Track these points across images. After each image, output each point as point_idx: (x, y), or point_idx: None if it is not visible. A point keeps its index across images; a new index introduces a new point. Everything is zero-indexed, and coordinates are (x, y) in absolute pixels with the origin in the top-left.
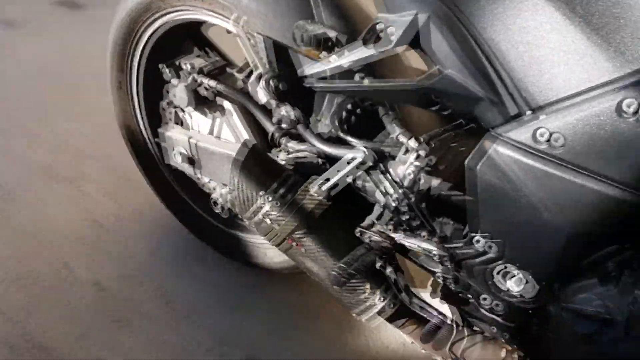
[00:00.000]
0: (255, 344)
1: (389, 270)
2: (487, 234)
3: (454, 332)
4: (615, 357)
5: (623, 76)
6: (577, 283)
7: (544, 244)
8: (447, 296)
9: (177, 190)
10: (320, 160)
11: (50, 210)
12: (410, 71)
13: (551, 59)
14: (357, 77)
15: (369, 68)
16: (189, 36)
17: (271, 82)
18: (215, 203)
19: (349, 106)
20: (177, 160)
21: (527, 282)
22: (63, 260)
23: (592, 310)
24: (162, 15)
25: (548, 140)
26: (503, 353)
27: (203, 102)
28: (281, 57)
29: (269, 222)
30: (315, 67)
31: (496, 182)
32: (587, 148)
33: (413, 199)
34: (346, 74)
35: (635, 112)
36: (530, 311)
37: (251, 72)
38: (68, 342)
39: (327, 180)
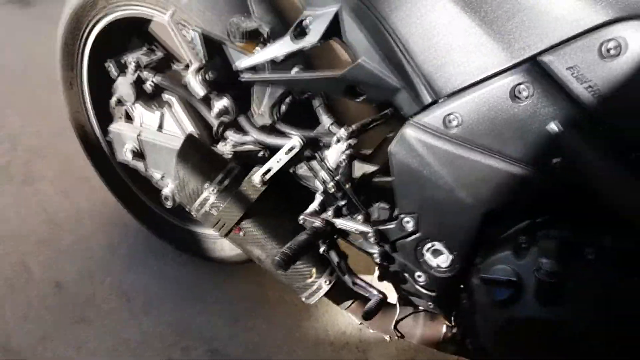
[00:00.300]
0: (216, 337)
1: (331, 253)
2: (413, 214)
3: (397, 310)
4: (524, 318)
5: (514, 64)
6: (494, 256)
7: (459, 221)
8: (387, 276)
9: (131, 188)
10: (263, 151)
11: (5, 211)
12: (345, 65)
13: (454, 51)
14: (294, 70)
15: (306, 61)
16: (138, 34)
17: (207, 75)
18: (167, 198)
19: (288, 99)
20: (127, 157)
21: (450, 256)
22: (21, 261)
23: (505, 279)
24: (107, 14)
25: (455, 125)
26: (444, 328)
27: (150, 98)
28: (218, 51)
29: (215, 213)
30: (248, 61)
31: (413, 164)
32: (488, 130)
33: (347, 185)
34: (281, 66)
35: (526, 97)
36: (458, 284)
37: None
38: (32, 343)
39: (269, 170)
